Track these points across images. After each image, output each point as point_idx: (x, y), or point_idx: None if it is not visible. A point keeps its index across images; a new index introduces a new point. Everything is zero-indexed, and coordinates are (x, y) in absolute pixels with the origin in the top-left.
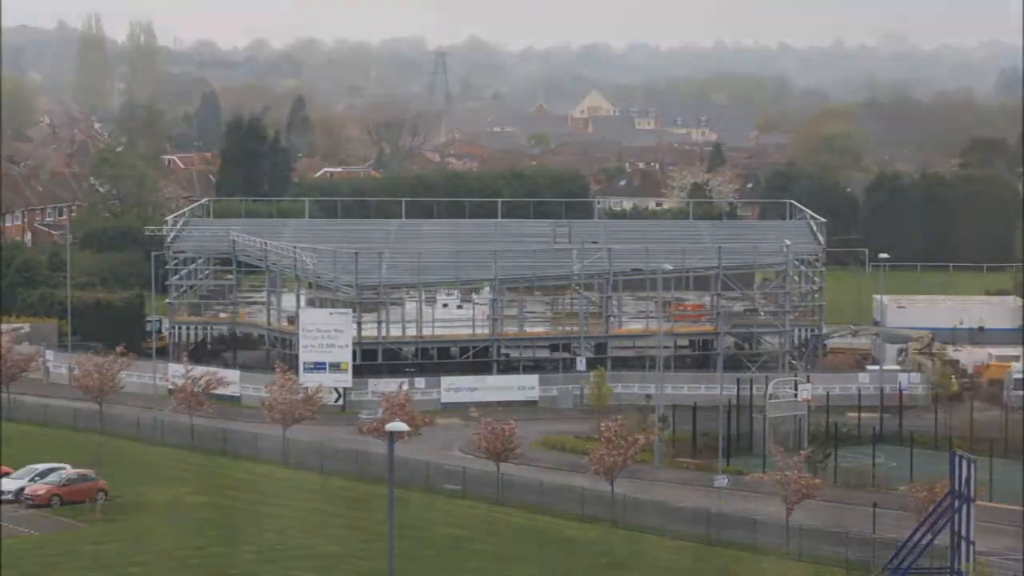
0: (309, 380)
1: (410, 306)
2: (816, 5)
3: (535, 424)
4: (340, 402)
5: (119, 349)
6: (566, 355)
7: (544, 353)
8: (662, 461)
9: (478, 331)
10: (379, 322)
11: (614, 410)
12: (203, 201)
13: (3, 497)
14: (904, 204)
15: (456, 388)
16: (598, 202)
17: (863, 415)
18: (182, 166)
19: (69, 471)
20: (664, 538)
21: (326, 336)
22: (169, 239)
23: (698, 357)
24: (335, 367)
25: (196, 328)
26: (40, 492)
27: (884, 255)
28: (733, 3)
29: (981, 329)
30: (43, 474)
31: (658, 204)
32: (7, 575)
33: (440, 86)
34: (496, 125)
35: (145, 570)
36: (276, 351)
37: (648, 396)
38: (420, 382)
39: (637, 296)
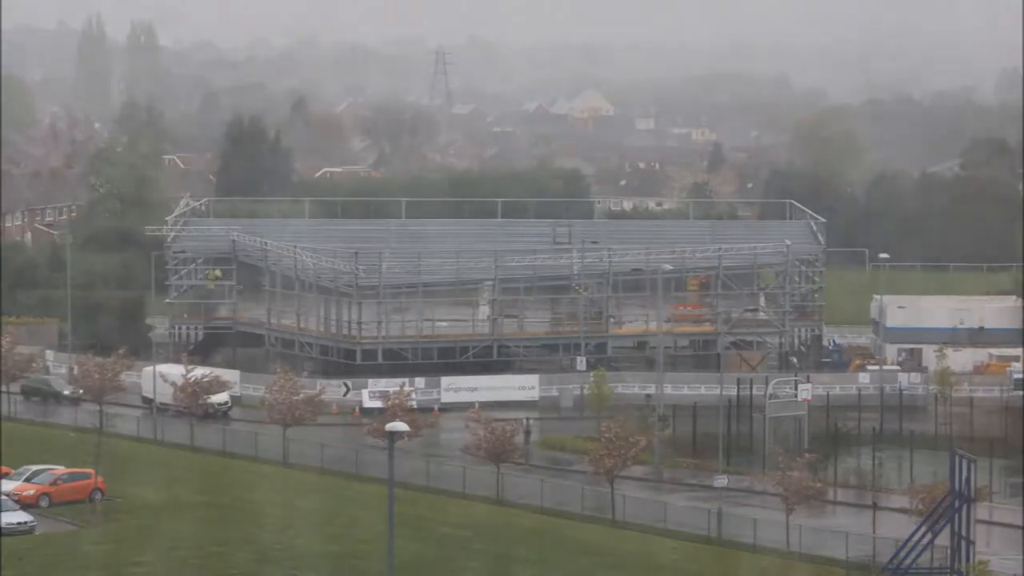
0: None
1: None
2: (816, 4)
3: (535, 424)
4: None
5: (121, 351)
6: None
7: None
8: (662, 461)
9: (478, 331)
10: (379, 322)
11: (614, 410)
12: (204, 201)
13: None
14: (904, 204)
15: (456, 388)
16: (598, 202)
17: (863, 415)
18: (182, 166)
19: (60, 471)
20: (664, 538)
21: None
22: (169, 239)
23: (698, 357)
24: None
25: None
26: (29, 492)
27: (884, 255)
28: (733, 3)
29: (981, 329)
30: (34, 475)
31: (658, 204)
32: (7, 575)
33: (440, 86)
34: (496, 125)
35: (145, 570)
36: (276, 350)
37: (648, 396)
38: (420, 382)
39: (637, 295)
